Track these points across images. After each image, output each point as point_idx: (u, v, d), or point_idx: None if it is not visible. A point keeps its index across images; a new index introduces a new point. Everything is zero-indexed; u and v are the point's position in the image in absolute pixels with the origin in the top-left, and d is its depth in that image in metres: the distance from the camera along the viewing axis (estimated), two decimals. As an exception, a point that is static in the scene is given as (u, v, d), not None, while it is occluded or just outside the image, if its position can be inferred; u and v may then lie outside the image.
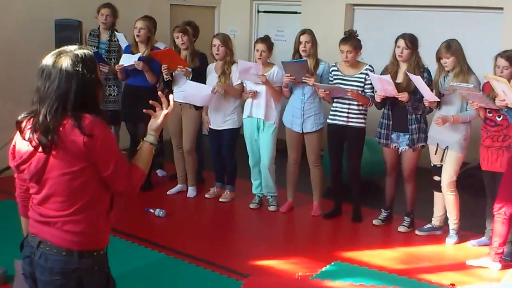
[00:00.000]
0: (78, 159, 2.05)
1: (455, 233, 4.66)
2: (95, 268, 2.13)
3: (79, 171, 2.07)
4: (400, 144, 4.76)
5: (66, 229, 2.10)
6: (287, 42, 7.16)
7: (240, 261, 4.16)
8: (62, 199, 2.09)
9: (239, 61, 5.07)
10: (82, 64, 2.07)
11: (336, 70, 4.89)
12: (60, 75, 2.04)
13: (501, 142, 4.25)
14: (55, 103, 2.03)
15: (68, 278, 2.10)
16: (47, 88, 2.05)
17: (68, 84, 2.04)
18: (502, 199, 4.06)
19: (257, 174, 5.32)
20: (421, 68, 4.59)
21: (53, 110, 2.03)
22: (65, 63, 2.06)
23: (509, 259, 4.25)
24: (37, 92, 2.08)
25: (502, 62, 4.13)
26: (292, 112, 5.06)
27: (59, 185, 2.08)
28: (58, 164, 2.06)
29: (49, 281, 2.11)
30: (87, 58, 2.10)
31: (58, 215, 2.10)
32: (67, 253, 2.09)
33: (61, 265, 2.09)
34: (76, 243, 2.10)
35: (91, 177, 2.09)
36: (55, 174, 2.07)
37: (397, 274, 4.05)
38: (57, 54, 2.10)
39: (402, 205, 4.95)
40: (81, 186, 2.08)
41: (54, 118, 2.03)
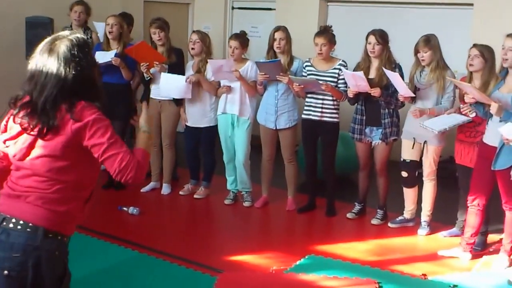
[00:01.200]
0: (65, 143, 2.07)
1: (427, 225, 4.74)
2: (56, 253, 2.12)
3: (63, 154, 2.08)
4: (373, 138, 4.83)
5: (38, 203, 2.09)
6: (261, 38, 7.18)
7: (215, 257, 4.17)
8: (43, 179, 2.10)
9: (209, 61, 5.07)
10: (77, 48, 2.09)
11: (309, 66, 4.94)
12: (58, 61, 2.06)
13: (472, 138, 4.34)
14: (53, 90, 2.05)
15: (28, 255, 2.07)
16: (44, 76, 2.06)
17: (66, 70, 2.06)
18: (475, 192, 4.15)
19: (232, 170, 5.34)
20: (392, 64, 4.66)
21: (51, 97, 2.05)
22: (61, 49, 2.07)
23: (480, 249, 4.35)
24: (31, 79, 2.09)
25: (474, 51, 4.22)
26: (265, 109, 5.09)
27: (42, 165, 2.09)
28: (44, 146, 2.08)
29: (8, 258, 2.07)
30: (81, 41, 2.13)
31: (34, 189, 2.10)
32: (32, 230, 2.07)
33: (23, 241, 2.07)
34: (44, 219, 2.08)
35: (76, 162, 2.10)
36: (40, 154, 2.09)
37: (370, 266, 4.11)
38: (52, 41, 2.11)
39: (375, 199, 5.02)
40: (64, 169, 2.09)
41: (53, 105, 2.05)
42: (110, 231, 4.58)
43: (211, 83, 5.15)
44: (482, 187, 4.13)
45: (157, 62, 5.13)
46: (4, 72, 5.95)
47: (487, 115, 4.06)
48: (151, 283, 3.80)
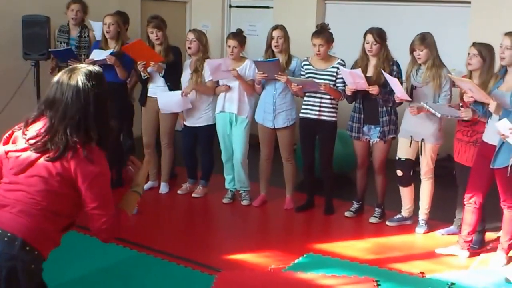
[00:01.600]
0: (63, 173, 2.12)
1: (425, 223, 4.75)
2: (32, 266, 2.11)
3: (57, 182, 2.13)
4: (371, 137, 4.83)
5: (21, 215, 2.11)
6: (259, 37, 7.18)
7: (213, 256, 4.18)
8: (31, 196, 2.13)
9: (207, 61, 5.06)
10: (94, 79, 2.16)
11: (307, 65, 4.93)
12: (78, 89, 2.13)
13: (469, 137, 4.34)
14: (76, 115, 2.11)
15: (2, 264, 2.07)
16: (65, 102, 2.12)
17: (87, 97, 2.13)
18: (472, 190, 4.16)
19: (230, 169, 5.34)
20: (390, 62, 4.66)
21: (74, 122, 2.11)
22: (80, 78, 2.14)
23: (477, 247, 4.36)
24: (52, 104, 2.15)
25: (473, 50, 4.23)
26: (264, 108, 5.09)
27: (34, 184, 2.13)
28: (44, 167, 2.13)
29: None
30: (98, 74, 2.20)
31: (20, 202, 2.13)
32: (9, 239, 2.08)
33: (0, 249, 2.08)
34: (24, 231, 2.09)
35: (67, 193, 2.15)
36: (36, 173, 2.13)
37: (368, 264, 4.12)
38: (71, 70, 2.19)
39: (373, 197, 5.03)
40: (53, 195, 2.14)
41: (76, 130, 2.11)
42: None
43: (206, 86, 5.15)
44: (479, 185, 4.13)
45: (153, 62, 5.12)
46: (0, 72, 5.95)
47: (486, 114, 4.06)
48: (150, 282, 3.81)
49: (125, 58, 5.28)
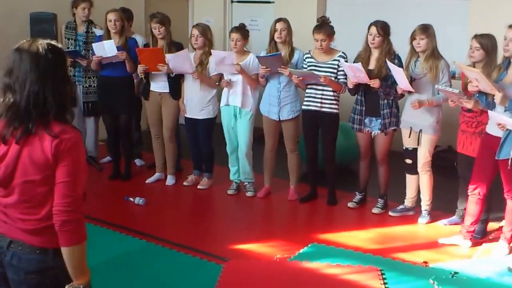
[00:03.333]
0: (45, 165, 1.97)
1: (427, 213, 4.72)
2: (65, 267, 2.02)
3: (44, 178, 1.98)
4: (372, 129, 4.80)
5: (38, 231, 2.02)
6: (260, 31, 7.15)
7: (220, 246, 4.16)
8: (30, 204, 2.02)
9: (213, 51, 5.03)
10: (43, 60, 1.98)
11: (310, 57, 4.90)
12: (23, 72, 1.96)
13: (474, 128, 4.30)
14: (35, 86, 1.95)
15: (44, 276, 2.03)
16: (24, 71, 1.96)
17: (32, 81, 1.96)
18: (476, 181, 4.13)
19: (235, 161, 5.32)
20: (392, 55, 4.62)
21: (34, 92, 1.95)
22: (39, 49, 1.99)
23: (480, 237, 4.33)
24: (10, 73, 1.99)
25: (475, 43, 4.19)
26: (268, 101, 5.06)
27: (27, 192, 2.01)
28: (25, 171, 1.98)
29: (23, 281, 2.03)
30: (50, 53, 2.01)
31: (28, 219, 2.03)
32: (41, 251, 2.02)
33: (36, 263, 2.02)
34: (50, 242, 2.02)
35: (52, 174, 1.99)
36: (22, 181, 2.00)
37: (372, 253, 4.09)
38: (29, 42, 2.03)
39: (375, 188, 5.00)
40: (48, 191, 1.99)
41: (37, 101, 1.95)
42: (118, 221, 4.58)
43: (210, 79, 5.12)
44: (483, 176, 4.10)
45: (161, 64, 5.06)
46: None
47: (489, 105, 4.02)
48: (159, 271, 3.80)
49: (131, 52, 5.26)
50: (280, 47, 4.94)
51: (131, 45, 5.34)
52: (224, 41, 7.74)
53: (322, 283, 3.65)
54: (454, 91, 4.14)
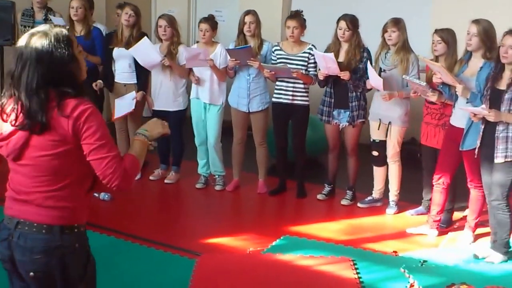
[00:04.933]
0: (62, 141, 2.03)
1: (395, 204, 4.92)
2: (76, 246, 2.11)
3: (62, 153, 2.04)
4: (340, 121, 4.95)
5: (47, 204, 2.07)
6: (225, 22, 7.17)
7: (191, 240, 4.21)
8: (46, 177, 2.07)
9: (185, 48, 5.07)
10: (55, 44, 2.04)
11: (279, 50, 4.99)
12: (31, 56, 2.02)
13: (438, 120, 4.50)
14: (29, 85, 2.00)
15: (51, 255, 2.07)
16: (19, 70, 2.02)
17: (39, 65, 2.01)
18: (441, 171, 4.33)
19: (204, 154, 5.36)
20: (361, 48, 4.77)
21: (29, 91, 2.00)
22: (37, 43, 2.03)
23: (445, 226, 4.54)
24: (9, 75, 2.06)
25: (436, 37, 4.39)
26: (238, 92, 5.13)
27: (40, 165, 2.06)
28: (40, 145, 2.04)
29: (30, 261, 2.08)
30: (60, 36, 2.07)
31: (39, 191, 2.08)
32: (47, 230, 2.06)
33: (42, 243, 2.07)
34: (57, 218, 2.07)
35: (76, 158, 2.06)
36: (36, 155, 2.05)
37: (343, 244, 4.24)
38: (29, 35, 2.07)
39: (344, 180, 5.15)
40: (65, 166, 2.06)
41: (37, 99, 2.00)
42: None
43: (181, 67, 5.14)
44: (447, 166, 4.31)
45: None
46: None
47: (452, 97, 4.23)
48: (131, 267, 3.81)
49: (96, 42, 5.22)
50: (249, 40, 5.02)
51: (95, 35, 5.32)
52: (188, 32, 7.76)
53: (296, 275, 3.76)
54: (421, 83, 4.33)
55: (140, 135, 2.21)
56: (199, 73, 5.11)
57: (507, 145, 3.76)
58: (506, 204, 3.87)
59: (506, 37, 3.73)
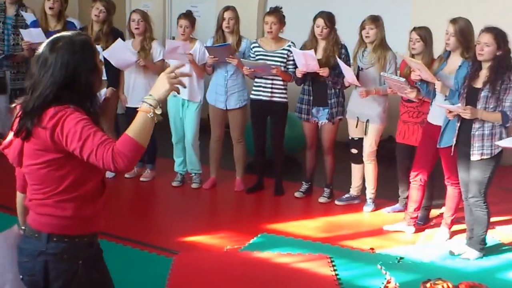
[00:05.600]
0: (46, 150, 2.05)
1: (372, 202, 5.00)
2: (63, 256, 2.11)
3: (49, 161, 2.06)
4: (319, 118, 5.01)
5: (39, 211, 2.13)
6: (201, 18, 7.18)
7: (168, 239, 4.23)
8: (37, 186, 2.12)
9: (167, 40, 5.08)
10: (79, 52, 2.06)
11: (257, 47, 5.04)
12: (56, 62, 2.03)
13: (415, 118, 4.59)
14: (47, 90, 2.02)
15: (34, 261, 2.10)
16: (42, 75, 2.04)
17: (63, 72, 2.03)
18: (418, 168, 4.42)
19: (180, 152, 5.38)
20: (339, 45, 4.84)
21: (42, 97, 2.02)
22: (62, 50, 2.04)
23: (422, 223, 4.64)
24: (30, 79, 2.08)
25: (414, 35, 4.46)
26: (215, 89, 5.16)
27: (31, 173, 2.12)
28: (29, 154, 2.10)
29: (20, 263, 2.15)
30: (85, 45, 2.09)
31: (34, 198, 2.14)
32: (37, 236, 2.12)
33: (29, 246, 2.13)
34: (47, 225, 2.11)
35: (64, 166, 2.07)
36: (29, 163, 2.11)
37: (320, 242, 4.30)
38: (55, 40, 2.08)
39: (321, 177, 5.22)
40: (54, 175, 2.08)
41: (41, 105, 2.02)
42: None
43: (158, 65, 5.15)
44: (425, 163, 4.40)
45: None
46: None
47: (430, 94, 4.32)
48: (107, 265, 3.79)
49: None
50: (228, 36, 5.06)
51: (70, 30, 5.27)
52: (164, 27, 7.75)
53: (274, 272, 3.81)
54: (400, 79, 4.40)
55: (143, 103, 2.01)
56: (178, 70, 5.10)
57: (483, 143, 3.86)
58: (484, 201, 3.97)
59: (481, 35, 3.81)
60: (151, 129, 2.01)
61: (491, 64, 3.80)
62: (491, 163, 3.89)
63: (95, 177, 2.14)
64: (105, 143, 1.96)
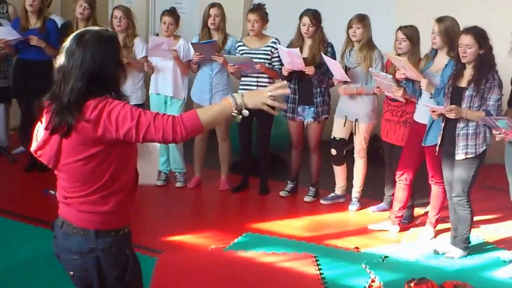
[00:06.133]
0: (87, 144, 2.09)
1: (357, 200, 5.06)
2: (112, 249, 2.19)
3: (91, 156, 2.11)
4: (305, 117, 5.05)
5: (82, 209, 2.17)
6: (185, 14, 7.20)
7: (152, 238, 4.25)
8: (78, 183, 2.16)
9: (151, 37, 5.11)
10: (106, 45, 2.11)
11: (242, 45, 5.07)
12: (84, 54, 2.07)
13: (399, 117, 4.65)
14: (79, 82, 2.05)
15: (86, 257, 2.17)
16: (71, 66, 2.07)
17: (91, 63, 2.07)
18: (403, 167, 4.48)
19: (163, 150, 5.38)
20: (325, 43, 4.89)
21: (76, 90, 2.05)
22: (90, 42, 2.09)
23: (407, 222, 4.71)
24: (60, 71, 2.09)
25: (400, 35, 4.52)
26: (200, 87, 5.19)
27: (73, 170, 2.14)
28: (70, 151, 2.12)
29: (69, 260, 2.22)
30: (112, 39, 2.16)
31: (75, 196, 2.17)
32: (84, 233, 2.18)
33: (78, 244, 2.18)
34: (92, 222, 2.16)
35: (106, 159, 2.12)
36: (69, 161, 2.13)
37: (305, 241, 4.35)
38: (82, 34, 2.12)
39: (307, 176, 5.27)
40: (95, 170, 2.13)
41: (77, 99, 2.05)
42: (39, 216, 4.52)
43: (140, 62, 5.16)
44: (410, 163, 4.46)
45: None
46: None
47: (416, 92, 4.38)
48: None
49: (51, 34, 5.19)
50: (213, 33, 5.08)
51: (50, 27, 5.29)
52: (148, 24, 7.74)
53: (259, 272, 3.86)
54: (387, 76, 4.46)
55: (232, 97, 2.10)
56: (162, 66, 5.13)
57: (468, 142, 3.93)
58: (467, 200, 4.04)
59: (462, 37, 3.86)
60: (222, 122, 2.18)
61: (475, 63, 3.86)
62: (475, 162, 3.96)
63: (130, 169, 2.22)
64: (160, 115, 2.06)
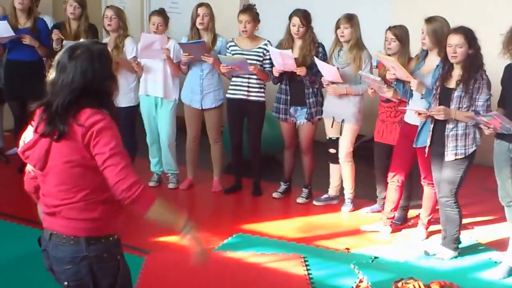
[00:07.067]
0: (77, 149, 2.21)
1: (350, 202, 5.16)
2: (104, 255, 2.29)
3: (81, 159, 2.22)
4: (297, 118, 5.15)
5: (70, 216, 2.26)
6: (181, 14, 7.32)
7: (141, 238, 4.34)
8: (67, 187, 2.25)
9: (143, 34, 5.16)
10: (97, 60, 2.24)
11: (233, 45, 5.17)
12: (75, 69, 2.21)
13: (393, 117, 4.74)
14: (67, 97, 2.19)
15: (79, 266, 2.27)
16: (61, 81, 2.21)
17: (82, 79, 2.21)
18: (395, 168, 4.57)
19: (156, 152, 5.49)
20: (316, 44, 4.98)
21: (65, 103, 2.19)
22: (81, 58, 2.23)
23: (400, 223, 4.80)
24: (51, 85, 2.25)
25: (390, 35, 4.62)
26: (190, 89, 5.27)
27: (62, 173, 2.24)
28: (61, 152, 2.23)
29: (62, 271, 2.30)
30: (103, 54, 2.28)
31: (62, 203, 2.26)
32: (74, 241, 2.27)
33: (70, 253, 2.27)
34: (82, 229, 2.26)
35: (95, 168, 2.21)
36: (58, 162, 2.24)
37: (295, 242, 4.45)
38: (73, 48, 2.26)
39: (300, 178, 5.37)
40: (84, 174, 2.23)
41: (65, 110, 2.19)
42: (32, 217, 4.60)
43: (127, 61, 5.20)
44: (402, 164, 4.55)
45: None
46: None
47: (407, 93, 4.47)
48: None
49: (42, 34, 5.30)
50: (202, 34, 5.17)
51: (41, 27, 5.40)
52: (142, 25, 7.85)
53: (246, 272, 3.97)
54: (376, 78, 4.56)
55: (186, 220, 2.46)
56: (151, 67, 5.21)
57: (457, 143, 4.02)
58: (455, 201, 4.13)
59: (451, 37, 3.94)
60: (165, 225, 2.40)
61: (464, 63, 3.95)
62: (464, 162, 4.04)
63: None
64: (135, 172, 2.20)
